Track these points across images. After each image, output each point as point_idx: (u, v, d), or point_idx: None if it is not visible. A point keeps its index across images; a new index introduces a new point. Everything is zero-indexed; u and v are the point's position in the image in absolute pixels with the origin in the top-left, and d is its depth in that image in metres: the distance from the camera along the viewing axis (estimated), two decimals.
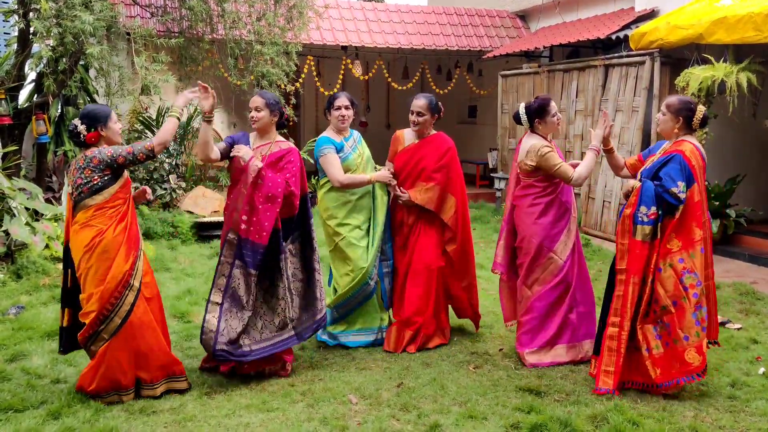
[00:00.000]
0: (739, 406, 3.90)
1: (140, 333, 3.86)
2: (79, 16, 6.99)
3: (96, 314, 3.76)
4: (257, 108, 4.25)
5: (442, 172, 4.82)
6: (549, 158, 4.40)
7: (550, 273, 4.48)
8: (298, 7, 9.40)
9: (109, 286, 3.74)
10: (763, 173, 8.76)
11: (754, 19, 6.54)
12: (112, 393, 3.85)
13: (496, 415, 3.75)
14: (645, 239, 3.96)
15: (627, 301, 3.98)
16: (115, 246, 3.77)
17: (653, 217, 3.93)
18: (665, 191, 3.92)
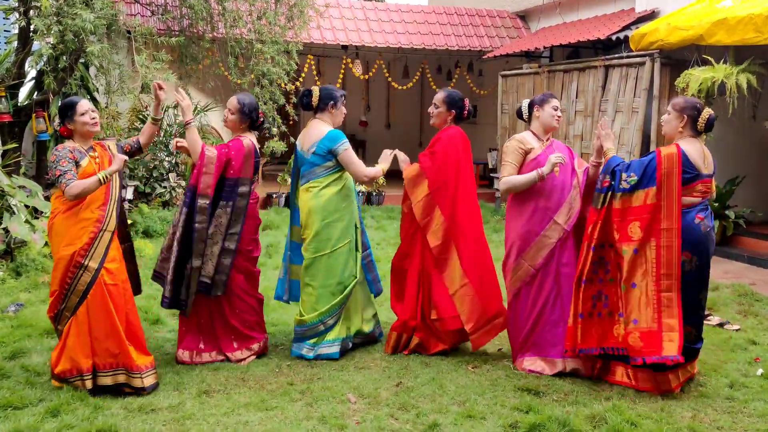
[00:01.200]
0: (737, 407, 3.90)
1: (95, 315, 3.89)
2: (80, 14, 6.99)
3: (57, 293, 3.94)
4: (230, 110, 4.50)
5: (429, 157, 4.64)
6: (508, 149, 4.40)
7: (518, 279, 4.38)
8: (299, 6, 9.41)
9: (59, 265, 3.91)
10: (763, 175, 8.77)
11: (754, 20, 6.55)
12: (77, 377, 3.89)
13: (494, 415, 3.76)
14: (596, 206, 4.06)
15: (580, 265, 4.11)
16: (64, 228, 3.91)
17: (606, 186, 4.03)
18: (618, 169, 4.00)
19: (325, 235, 4.52)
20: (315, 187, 4.53)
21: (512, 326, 4.51)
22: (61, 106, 4.04)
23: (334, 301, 4.55)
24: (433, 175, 4.60)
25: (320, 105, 4.62)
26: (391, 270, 4.84)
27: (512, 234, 4.42)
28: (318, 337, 4.56)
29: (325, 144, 4.49)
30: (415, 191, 4.63)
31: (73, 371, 3.90)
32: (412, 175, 4.66)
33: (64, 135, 4.03)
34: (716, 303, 5.99)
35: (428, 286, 4.66)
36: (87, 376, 3.91)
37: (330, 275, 4.54)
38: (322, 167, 4.53)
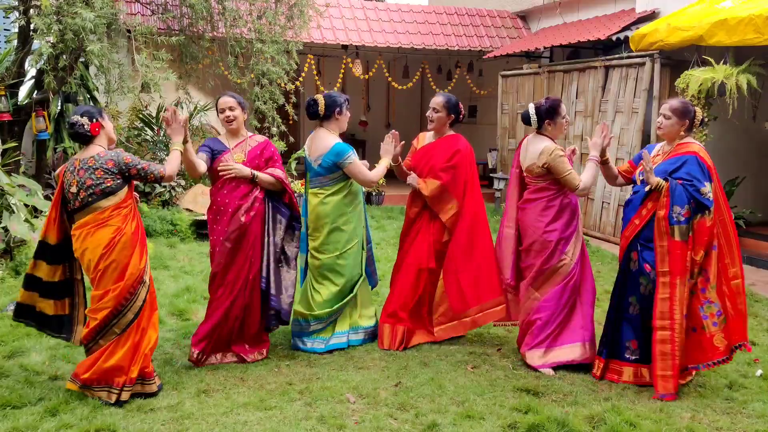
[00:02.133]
0: (736, 408, 3.91)
1: (144, 330, 3.88)
2: (80, 13, 6.98)
3: (110, 310, 3.78)
4: (231, 108, 4.43)
5: (449, 173, 4.76)
6: (561, 162, 4.37)
7: (560, 275, 4.46)
8: (299, 5, 9.39)
9: (128, 282, 3.79)
10: (763, 175, 8.77)
11: (754, 21, 6.55)
12: (104, 387, 3.82)
13: (493, 415, 3.76)
14: (683, 239, 3.95)
15: (675, 303, 3.96)
16: (132, 243, 3.82)
17: (687, 216, 3.95)
18: (697, 191, 3.95)
19: (334, 239, 4.64)
20: (322, 193, 4.64)
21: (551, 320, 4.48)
22: (87, 109, 3.92)
23: (345, 299, 4.71)
24: (456, 189, 4.79)
25: (326, 113, 4.67)
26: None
27: (554, 235, 4.42)
28: (325, 330, 4.70)
29: (330, 158, 4.57)
30: (444, 208, 4.81)
31: (101, 382, 3.83)
32: (437, 192, 4.77)
33: (94, 134, 3.84)
34: None
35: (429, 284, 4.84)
36: (114, 390, 3.81)
37: (341, 275, 4.68)
38: (327, 178, 4.63)
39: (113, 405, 3.78)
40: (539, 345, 4.46)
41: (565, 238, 4.45)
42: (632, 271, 4.19)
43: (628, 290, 4.22)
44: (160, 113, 9.44)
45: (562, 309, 4.47)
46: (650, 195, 4.07)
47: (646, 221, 4.09)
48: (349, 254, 4.67)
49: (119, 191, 3.81)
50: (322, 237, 4.63)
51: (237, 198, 4.36)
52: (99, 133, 3.88)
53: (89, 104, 4.34)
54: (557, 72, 10.07)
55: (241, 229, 4.35)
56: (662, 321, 3.99)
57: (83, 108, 3.96)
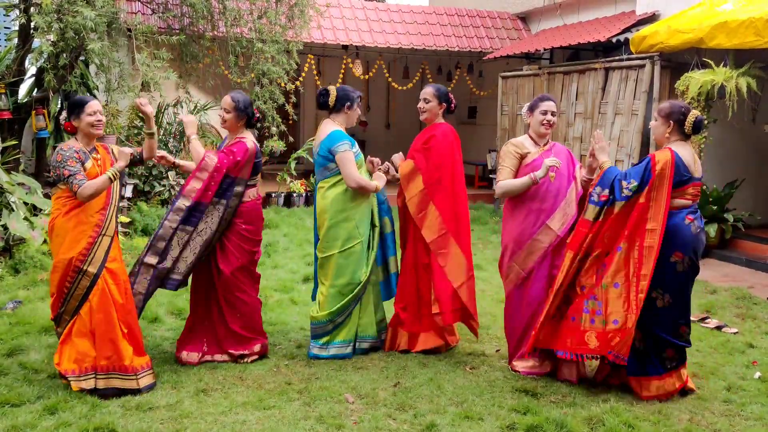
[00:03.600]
0: (734, 410, 3.91)
1: (96, 317, 3.89)
2: (81, 12, 6.99)
3: (56, 296, 3.94)
4: (225, 109, 4.45)
5: (423, 154, 4.68)
6: (504, 153, 4.40)
7: (510, 282, 4.39)
8: (300, 5, 9.40)
9: (57, 268, 3.89)
10: (762, 178, 8.78)
11: (754, 24, 6.56)
12: (81, 376, 3.87)
13: (492, 416, 3.76)
14: (590, 218, 4.02)
15: (559, 274, 4.09)
16: (64, 231, 3.88)
17: (603, 199, 3.99)
18: (618, 180, 3.99)
19: (332, 234, 4.51)
20: (322, 187, 4.57)
21: (507, 329, 4.53)
22: (71, 102, 4.02)
23: (343, 301, 4.54)
24: (427, 170, 4.65)
25: (336, 105, 4.61)
26: None
27: (506, 236, 4.43)
28: (329, 335, 4.57)
29: (325, 144, 4.50)
30: (409, 186, 4.68)
31: (75, 371, 3.88)
32: (407, 171, 4.70)
33: (67, 131, 4.01)
34: (714, 306, 5.99)
35: (427, 280, 4.69)
36: (90, 376, 3.88)
37: (340, 275, 4.53)
38: (326, 168, 4.54)
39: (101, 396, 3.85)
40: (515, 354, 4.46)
41: (515, 241, 4.34)
42: None
43: None
44: (160, 112, 9.44)
45: (512, 318, 4.40)
46: None
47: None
48: (349, 254, 4.51)
49: (58, 182, 3.94)
50: (323, 233, 4.54)
51: None
52: (72, 130, 4.02)
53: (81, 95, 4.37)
54: (557, 73, 10.07)
55: None
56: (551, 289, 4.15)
57: (71, 100, 4.05)
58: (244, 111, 4.44)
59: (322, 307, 4.56)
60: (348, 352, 4.59)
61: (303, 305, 5.75)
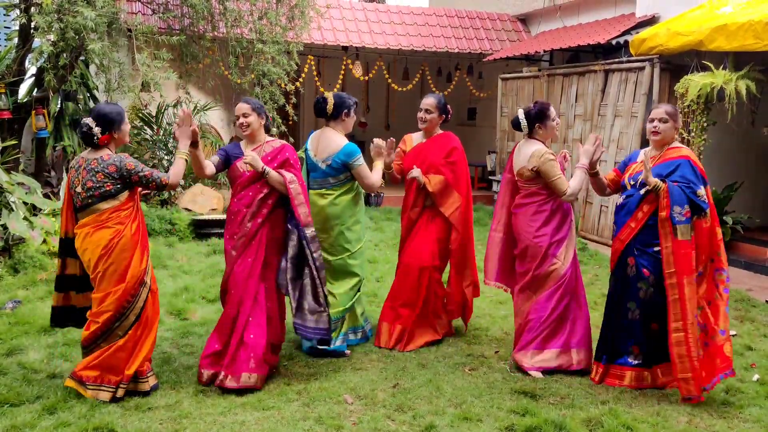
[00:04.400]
0: (732, 412, 3.92)
1: (147, 330, 3.90)
2: (81, 12, 6.98)
3: (112, 314, 3.78)
4: (245, 114, 4.28)
5: (449, 168, 4.89)
6: (551, 166, 4.36)
7: (552, 279, 4.44)
8: (300, 6, 9.40)
9: (129, 285, 3.78)
10: (761, 181, 8.79)
11: (754, 26, 6.57)
12: (99, 385, 3.82)
13: (491, 417, 3.76)
14: (686, 238, 3.93)
15: (686, 303, 3.92)
16: (132, 245, 3.80)
17: (688, 216, 3.94)
18: (693, 193, 3.95)
19: (344, 239, 4.65)
20: (330, 194, 4.61)
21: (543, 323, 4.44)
22: (107, 114, 3.82)
23: (355, 297, 4.77)
24: (457, 184, 4.91)
25: (334, 113, 4.63)
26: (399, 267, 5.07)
27: (545, 240, 4.41)
28: (336, 330, 4.70)
29: (340, 158, 4.55)
30: (447, 202, 4.91)
31: (98, 380, 3.82)
32: (441, 186, 4.88)
33: (102, 144, 3.82)
34: None
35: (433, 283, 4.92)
36: (111, 389, 3.81)
37: (354, 275, 4.73)
38: (335, 179, 4.62)
39: (108, 403, 3.78)
40: (527, 346, 4.46)
41: (555, 242, 4.44)
42: (629, 276, 4.17)
43: (626, 296, 4.20)
44: (160, 113, 9.44)
45: (552, 312, 4.43)
46: (646, 198, 4.05)
47: (642, 224, 4.08)
48: (360, 254, 4.74)
49: (119, 195, 3.80)
50: (332, 238, 4.62)
51: (244, 204, 4.17)
52: (108, 143, 3.87)
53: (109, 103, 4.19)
54: (557, 75, 10.09)
55: (246, 236, 4.13)
56: (676, 323, 3.95)
57: (105, 112, 3.83)
58: (262, 110, 4.34)
59: (337, 305, 4.67)
60: (352, 339, 4.83)
61: None
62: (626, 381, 4.21)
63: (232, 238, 4.19)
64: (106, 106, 3.91)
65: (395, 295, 4.97)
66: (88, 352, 3.87)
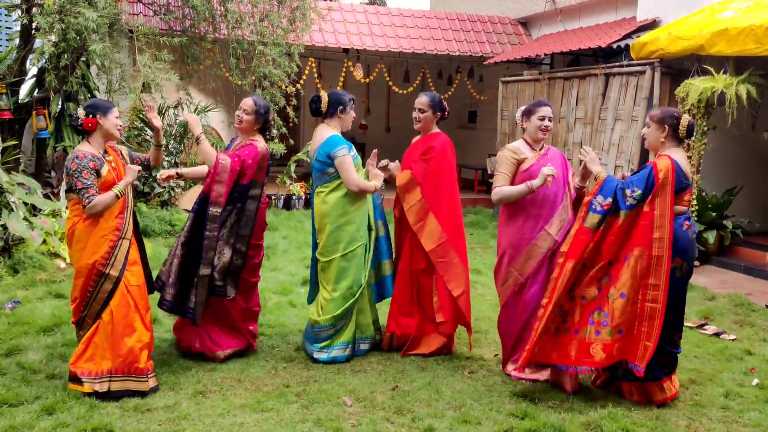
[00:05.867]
0: (732, 417, 3.91)
1: (117, 320, 3.91)
2: (83, 13, 6.99)
3: (78, 300, 3.96)
4: (245, 111, 4.44)
5: (421, 164, 4.72)
6: (500, 162, 4.34)
7: (507, 287, 4.36)
8: (301, 8, 9.42)
9: (80, 272, 3.92)
10: (761, 185, 8.79)
11: (755, 31, 6.57)
12: (96, 378, 3.86)
13: (490, 420, 3.76)
14: (591, 227, 3.97)
15: (557, 284, 3.98)
16: (85, 236, 3.89)
17: (606, 208, 3.95)
18: (621, 189, 3.95)
19: (334, 238, 4.52)
20: (322, 191, 4.57)
21: (502, 333, 4.51)
22: (94, 102, 3.99)
23: (347, 304, 4.56)
24: (426, 181, 4.70)
25: (329, 110, 4.62)
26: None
27: (503, 242, 4.41)
28: (330, 339, 4.58)
29: (323, 149, 4.50)
30: (407, 197, 4.73)
31: (92, 373, 3.88)
32: (405, 181, 4.74)
33: (87, 128, 3.92)
34: (713, 313, 6.00)
35: (424, 287, 4.77)
36: (105, 379, 3.88)
37: (343, 279, 4.54)
38: (325, 173, 4.55)
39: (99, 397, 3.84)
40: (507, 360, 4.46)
41: (512, 248, 4.31)
42: None
43: None
44: (160, 114, 9.45)
45: (510, 324, 4.37)
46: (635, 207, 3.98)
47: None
48: (352, 256, 4.54)
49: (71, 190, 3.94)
50: (324, 237, 4.55)
51: None
52: (93, 128, 3.94)
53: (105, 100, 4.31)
54: (557, 79, 10.09)
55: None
56: (544, 299, 4.04)
57: (93, 101, 4.03)
58: (264, 116, 4.47)
59: (325, 311, 4.57)
60: (347, 354, 4.61)
61: (302, 308, 5.75)
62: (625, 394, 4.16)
63: None
64: (96, 99, 4.12)
65: (394, 302, 4.83)
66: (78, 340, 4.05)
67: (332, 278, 4.55)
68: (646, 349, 3.85)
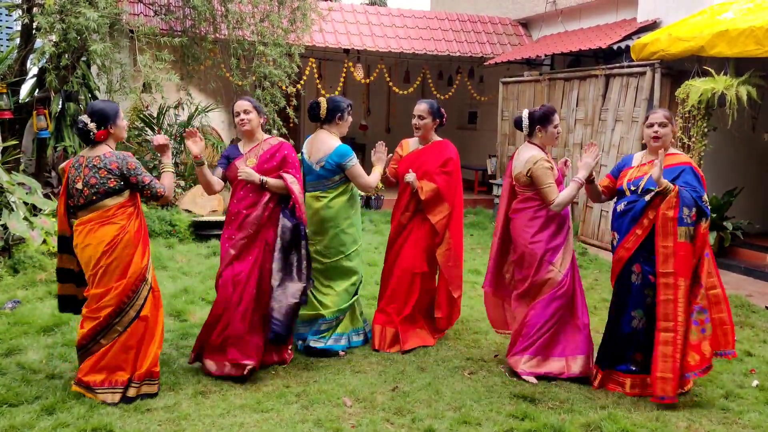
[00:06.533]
0: (732, 418, 3.91)
1: (151, 327, 3.92)
2: (83, 13, 7.00)
3: (113, 308, 3.81)
4: (246, 111, 4.34)
5: (443, 177, 4.89)
6: (543, 173, 4.31)
7: (549, 286, 4.40)
8: (302, 9, 9.43)
9: (130, 280, 3.82)
10: (761, 186, 8.79)
11: (755, 33, 6.58)
12: (107, 389, 3.83)
13: (490, 421, 3.76)
14: (689, 241, 3.95)
15: (678, 305, 3.93)
16: (135, 242, 3.85)
17: (695, 219, 3.95)
18: (699, 198, 3.97)
19: (339, 241, 4.66)
20: (325, 197, 4.62)
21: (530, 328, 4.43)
22: (101, 110, 3.86)
23: (351, 300, 4.77)
24: (449, 194, 4.92)
25: (328, 117, 4.67)
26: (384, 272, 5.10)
27: (540, 246, 4.38)
28: (329, 330, 4.72)
29: (333, 159, 4.57)
30: (436, 210, 4.90)
31: (105, 383, 3.84)
32: (433, 194, 4.88)
33: (100, 140, 3.85)
34: None
35: (423, 287, 4.96)
36: (118, 389, 3.84)
37: (347, 277, 4.75)
38: (330, 180, 4.62)
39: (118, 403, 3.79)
40: (522, 352, 4.44)
41: (551, 249, 4.39)
42: (635, 284, 4.14)
43: (630, 304, 4.16)
44: (161, 114, 9.45)
45: (549, 319, 4.39)
46: (651, 204, 4.02)
47: (649, 231, 4.04)
48: (355, 255, 4.74)
49: (123, 192, 3.84)
50: (327, 240, 4.64)
51: (245, 206, 4.24)
52: (105, 138, 3.89)
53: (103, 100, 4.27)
54: (558, 79, 10.10)
55: (248, 238, 4.22)
56: (666, 323, 3.96)
57: (99, 108, 3.88)
58: (262, 109, 4.51)
59: (334, 304, 4.70)
60: (343, 345, 4.76)
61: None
62: (627, 388, 4.19)
63: (231, 239, 4.26)
64: (100, 103, 3.97)
65: (385, 298, 4.99)
66: (85, 353, 3.87)
67: (339, 277, 4.71)
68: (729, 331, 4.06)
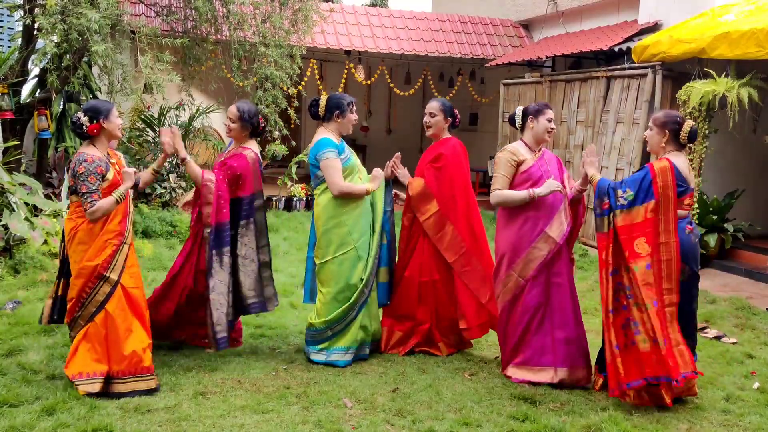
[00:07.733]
0: (732, 420, 3.91)
1: (114, 323, 3.93)
2: (85, 14, 7.00)
3: (74, 300, 3.95)
4: (230, 119, 4.46)
5: (432, 172, 4.71)
6: (500, 161, 4.33)
7: (508, 290, 4.34)
8: (303, 10, 9.43)
9: (80, 274, 3.91)
10: (762, 189, 8.79)
11: (756, 35, 6.58)
12: (85, 380, 3.88)
13: (490, 423, 3.76)
14: (600, 230, 3.99)
15: (602, 295, 3.99)
16: (88, 239, 3.91)
17: (606, 208, 3.96)
18: (612, 189, 3.96)
19: (324, 241, 4.50)
20: (316, 193, 4.58)
21: (502, 336, 4.50)
22: (94, 105, 4.00)
23: (340, 309, 4.50)
24: (441, 190, 4.68)
25: (326, 114, 4.61)
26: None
27: (502, 245, 4.39)
28: (328, 342, 4.54)
29: (312, 152, 4.53)
30: (422, 207, 4.70)
31: (82, 375, 3.91)
32: (418, 190, 4.71)
33: (92, 134, 3.96)
34: (713, 316, 5.99)
35: (433, 296, 4.74)
36: (96, 380, 3.89)
37: (334, 282, 4.50)
38: (315, 176, 4.56)
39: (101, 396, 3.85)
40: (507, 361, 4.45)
41: (513, 250, 4.29)
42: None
43: None
44: (162, 115, 9.46)
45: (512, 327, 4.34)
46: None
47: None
48: (342, 260, 4.46)
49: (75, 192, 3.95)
50: (317, 239, 4.54)
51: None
52: (98, 133, 3.98)
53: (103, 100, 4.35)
54: (559, 81, 10.09)
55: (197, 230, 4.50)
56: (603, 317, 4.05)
57: (92, 104, 4.03)
58: (249, 121, 4.45)
59: (320, 314, 4.54)
60: (347, 360, 4.55)
61: (302, 309, 5.75)
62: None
63: None
64: (94, 100, 4.11)
65: (395, 305, 4.82)
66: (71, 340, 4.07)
67: (325, 281, 4.53)
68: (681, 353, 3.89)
